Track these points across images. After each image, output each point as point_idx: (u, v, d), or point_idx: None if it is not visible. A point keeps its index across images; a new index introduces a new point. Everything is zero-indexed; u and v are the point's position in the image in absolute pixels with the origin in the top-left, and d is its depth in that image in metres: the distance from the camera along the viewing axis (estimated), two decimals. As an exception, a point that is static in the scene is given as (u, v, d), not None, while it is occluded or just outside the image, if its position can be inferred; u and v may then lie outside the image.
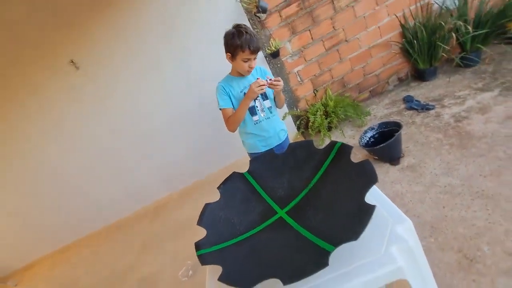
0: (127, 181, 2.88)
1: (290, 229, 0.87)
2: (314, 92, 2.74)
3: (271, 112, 1.50)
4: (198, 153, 2.80)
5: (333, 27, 2.55)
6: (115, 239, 2.89)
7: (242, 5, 2.26)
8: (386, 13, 2.57)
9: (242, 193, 1.12)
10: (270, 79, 1.35)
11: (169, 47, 2.39)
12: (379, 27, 2.61)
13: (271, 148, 1.47)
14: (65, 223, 3.01)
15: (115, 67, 2.38)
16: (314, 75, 2.69)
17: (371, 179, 0.78)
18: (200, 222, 1.02)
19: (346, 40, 2.61)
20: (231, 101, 1.45)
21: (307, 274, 0.64)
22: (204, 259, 0.84)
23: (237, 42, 1.28)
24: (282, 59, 2.58)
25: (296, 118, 2.75)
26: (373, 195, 0.89)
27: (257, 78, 1.35)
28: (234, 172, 1.19)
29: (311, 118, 2.49)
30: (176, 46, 2.39)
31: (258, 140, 1.53)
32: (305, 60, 2.62)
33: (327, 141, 2.52)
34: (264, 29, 2.44)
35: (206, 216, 1.05)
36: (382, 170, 1.86)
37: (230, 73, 1.49)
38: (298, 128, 2.71)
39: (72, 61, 2.27)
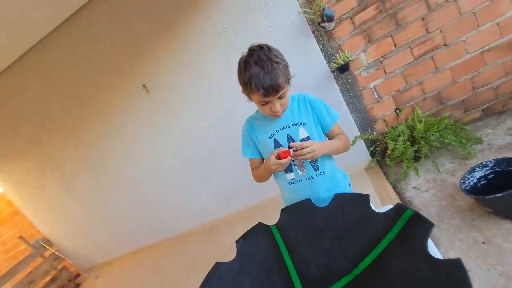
0: (186, 199, 2.95)
1: None
2: (396, 111, 2.19)
3: (317, 169, 1.03)
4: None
5: (426, 29, 1.99)
6: (173, 252, 2.97)
7: (305, 16, 2.00)
8: (509, 3, 1.85)
9: (263, 256, 0.83)
10: (294, 148, 0.94)
11: (227, 67, 2.33)
12: (497, 23, 1.90)
13: (309, 199, 0.94)
14: (137, 229, 3.30)
15: (180, 89, 2.47)
16: (398, 90, 2.16)
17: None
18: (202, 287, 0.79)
19: (445, 45, 2.00)
20: (257, 148, 1.12)
21: None
22: None
23: (244, 79, 0.91)
24: (354, 73, 2.17)
25: (370, 143, 2.25)
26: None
27: (281, 153, 0.94)
28: (259, 223, 0.92)
29: (390, 145, 1.97)
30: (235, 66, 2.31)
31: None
32: (385, 72, 2.13)
33: (412, 177, 1.93)
34: (332, 40, 2.10)
35: (213, 281, 0.80)
36: (499, 231, 1.23)
37: None
38: (373, 155, 2.20)
39: (144, 85, 2.46)
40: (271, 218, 0.91)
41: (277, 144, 1.03)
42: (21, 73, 2.67)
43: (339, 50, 2.08)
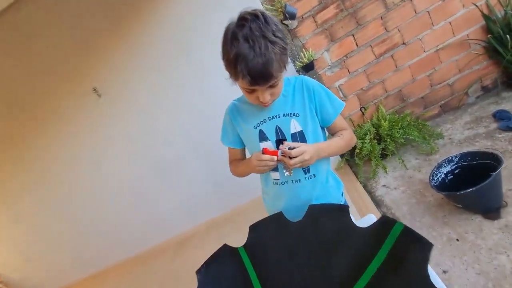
0: (149, 211, 2.68)
1: None
2: (361, 110, 2.19)
3: (307, 171, 0.87)
4: (225, 182, 2.46)
5: (385, 28, 2.02)
6: (136, 273, 2.67)
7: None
8: (459, 3, 1.94)
9: (230, 284, 0.69)
10: (285, 147, 0.77)
11: (187, 66, 2.16)
12: (450, 22, 1.98)
13: (280, 213, 0.77)
14: (95, 250, 2.93)
15: (136, 91, 2.25)
16: (361, 88, 2.16)
17: None
18: None
19: (403, 43, 2.05)
20: (239, 137, 0.94)
21: None
22: None
23: (229, 56, 0.70)
24: (319, 72, 2.13)
25: (338, 142, 2.22)
26: None
27: (266, 149, 0.79)
28: (224, 245, 0.77)
29: (358, 144, 1.95)
30: (195, 65, 2.15)
31: (278, 207, 0.93)
32: (349, 71, 2.12)
33: (381, 175, 1.92)
34: (296, 39, 2.04)
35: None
36: (471, 227, 1.22)
37: None
38: (341, 155, 2.17)
39: (95, 89, 2.19)
40: (241, 231, 0.76)
41: (262, 136, 0.85)
42: None
43: (303, 49, 2.02)
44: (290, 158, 0.75)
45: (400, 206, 1.60)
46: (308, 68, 1.95)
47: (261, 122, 0.85)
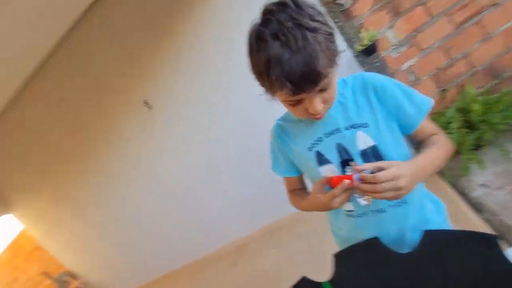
0: (206, 217, 2.69)
1: None
2: (441, 93, 1.82)
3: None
4: (281, 185, 2.32)
5: (467, -11, 1.63)
6: (194, 282, 2.71)
7: (317, -6, 1.71)
8: None
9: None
10: (359, 170, 0.54)
11: (234, 70, 2.07)
12: None
13: (377, 239, 0.59)
14: (155, 256, 3.08)
15: (185, 101, 2.26)
16: (438, 68, 1.79)
17: None
18: None
19: (494, 4, 1.63)
20: (292, 163, 0.76)
21: None
22: None
23: (259, 66, 0.54)
24: (382, 55, 1.83)
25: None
26: None
27: (327, 176, 0.59)
28: (304, 278, 0.61)
29: (440, 134, 1.60)
30: (242, 68, 2.04)
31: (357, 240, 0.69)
32: (420, 48, 1.78)
33: (476, 171, 1.54)
34: (351, 20, 1.78)
35: None
36: None
37: None
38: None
39: (146, 102, 2.26)
40: (300, 238, 0.59)
41: (321, 159, 0.66)
42: (22, 105, 2.55)
43: (361, 30, 1.75)
44: (372, 183, 0.51)
45: (511, 212, 1.25)
46: (370, 51, 1.67)
47: (317, 142, 0.66)
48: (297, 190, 0.83)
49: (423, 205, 0.69)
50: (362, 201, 0.62)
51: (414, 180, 0.54)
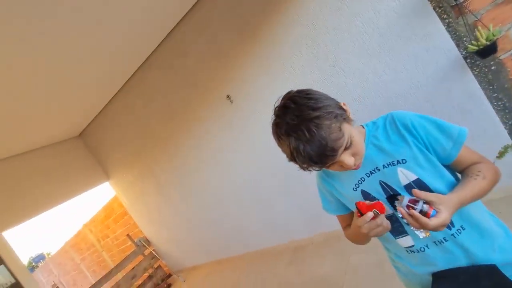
0: (268, 214, 2.74)
1: None
2: None
3: (453, 225, 0.65)
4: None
5: None
6: (255, 270, 2.79)
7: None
8: None
9: None
10: (410, 202, 0.58)
11: (316, 68, 2.02)
12: None
13: (493, 266, 0.60)
14: (220, 239, 3.30)
15: (263, 97, 2.31)
16: None
17: None
18: None
19: None
20: (341, 202, 0.79)
21: None
22: None
23: (286, 154, 0.65)
24: (500, 57, 1.53)
25: (531, 155, 1.53)
26: None
27: (359, 203, 0.64)
28: None
29: None
30: (325, 66, 1.98)
31: (425, 279, 0.72)
32: (558, 51, 1.42)
33: None
34: (464, 16, 1.53)
35: None
36: None
37: None
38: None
39: (228, 96, 2.40)
40: (363, 249, 0.56)
41: (367, 197, 0.70)
42: (129, 94, 3.02)
43: (477, 28, 1.50)
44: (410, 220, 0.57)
45: None
46: (486, 52, 1.41)
47: (360, 181, 0.70)
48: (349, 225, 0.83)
49: (483, 222, 0.68)
50: (420, 234, 0.63)
51: (454, 208, 0.58)
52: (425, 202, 0.56)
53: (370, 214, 0.60)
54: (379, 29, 1.72)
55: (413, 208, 0.56)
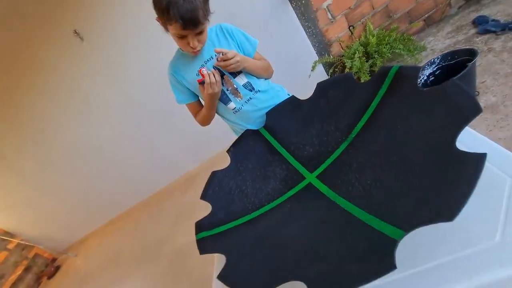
0: (155, 155, 2.82)
1: (322, 200, 0.59)
2: (349, 29, 2.23)
3: (253, 89, 1.02)
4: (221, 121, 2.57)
5: None
6: (151, 213, 2.93)
7: None
8: None
9: (258, 155, 0.85)
10: (218, 58, 0.90)
11: None
12: None
13: (292, 96, 0.97)
14: (106, 198, 3.13)
15: (122, 33, 2.15)
16: (349, 7, 2.17)
17: (465, 111, 0.45)
18: (204, 196, 0.80)
19: (390, -47, 2.01)
20: (191, 91, 1.04)
21: (356, 282, 0.37)
22: (203, 246, 0.62)
23: (161, 5, 0.79)
24: (306, -6, 2.10)
25: (328, 66, 2.31)
26: (466, 142, 0.55)
27: (200, 70, 0.90)
28: (246, 130, 0.92)
29: (347, 63, 2.04)
30: None
31: (251, 125, 1.06)
32: (336, -10, 2.10)
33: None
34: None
35: (213, 188, 0.82)
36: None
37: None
38: (331, 74, 2.28)
39: (76, 31, 2.09)
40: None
41: None
42: None
43: (290, -33, 1.96)
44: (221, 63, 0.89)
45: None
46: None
47: (201, 67, 0.95)
48: (199, 111, 1.10)
49: (272, 88, 1.10)
50: (237, 98, 1.00)
51: (242, 60, 0.93)
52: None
53: (206, 71, 0.88)
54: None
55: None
